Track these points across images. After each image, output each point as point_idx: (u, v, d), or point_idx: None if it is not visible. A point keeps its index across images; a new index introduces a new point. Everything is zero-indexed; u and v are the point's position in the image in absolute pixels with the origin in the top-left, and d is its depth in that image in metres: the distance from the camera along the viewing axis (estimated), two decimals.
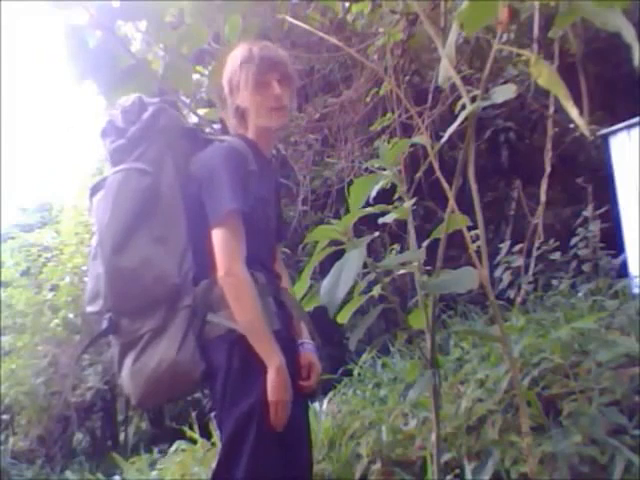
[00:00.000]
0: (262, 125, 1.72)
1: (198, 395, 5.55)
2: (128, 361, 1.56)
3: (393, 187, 1.92)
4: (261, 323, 1.51)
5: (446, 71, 1.33)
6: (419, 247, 1.76)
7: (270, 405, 1.48)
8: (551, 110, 3.27)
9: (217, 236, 1.55)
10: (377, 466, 2.54)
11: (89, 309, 1.60)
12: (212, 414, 2.57)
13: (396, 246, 4.42)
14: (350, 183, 1.78)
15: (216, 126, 1.81)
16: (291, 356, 1.61)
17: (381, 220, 1.91)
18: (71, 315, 6.47)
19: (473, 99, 1.30)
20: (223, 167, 1.60)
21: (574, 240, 4.35)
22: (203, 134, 1.76)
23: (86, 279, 1.69)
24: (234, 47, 1.85)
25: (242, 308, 1.51)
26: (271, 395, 1.48)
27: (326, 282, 1.48)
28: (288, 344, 1.62)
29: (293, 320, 1.74)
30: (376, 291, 1.88)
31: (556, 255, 4.29)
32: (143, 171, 1.59)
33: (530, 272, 3.92)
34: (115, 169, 1.63)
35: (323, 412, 3.33)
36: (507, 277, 4.32)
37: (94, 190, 1.66)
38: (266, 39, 2.01)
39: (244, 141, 1.70)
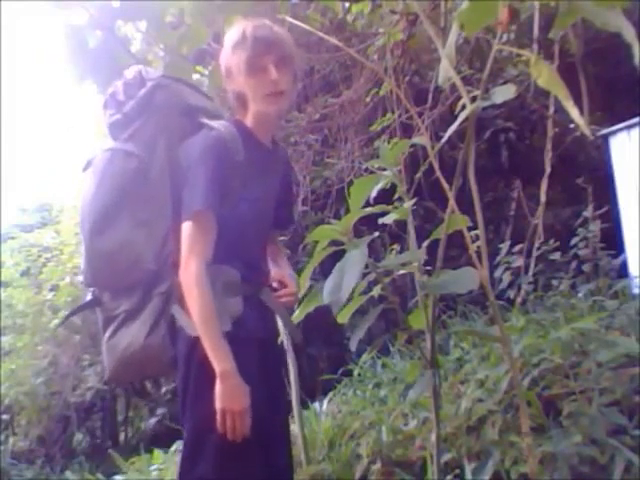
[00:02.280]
0: (260, 111, 1.62)
1: None
2: (106, 335, 1.58)
3: (393, 187, 1.91)
4: (210, 325, 1.45)
5: (446, 71, 1.33)
6: (419, 247, 1.76)
7: (217, 412, 1.43)
8: (551, 110, 3.27)
9: (184, 231, 1.51)
10: (377, 466, 2.54)
11: (80, 279, 1.66)
12: None
13: (396, 246, 4.42)
14: (350, 183, 1.78)
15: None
16: (264, 361, 1.57)
17: (381, 220, 1.91)
18: None
19: (473, 99, 1.30)
20: (202, 161, 1.53)
21: (574, 240, 4.34)
22: (201, 115, 1.64)
23: None
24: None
25: (192, 307, 1.47)
26: (217, 402, 1.43)
27: (329, 282, 1.48)
28: (261, 348, 1.57)
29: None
30: (376, 291, 1.88)
31: (556, 255, 4.28)
32: (129, 153, 1.57)
33: (530, 272, 3.92)
34: (104, 147, 1.63)
35: (323, 412, 3.33)
36: (507, 277, 4.31)
37: (86, 166, 1.66)
38: None
39: (238, 127, 1.62)
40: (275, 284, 1.73)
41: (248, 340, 1.52)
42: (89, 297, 1.63)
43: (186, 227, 1.51)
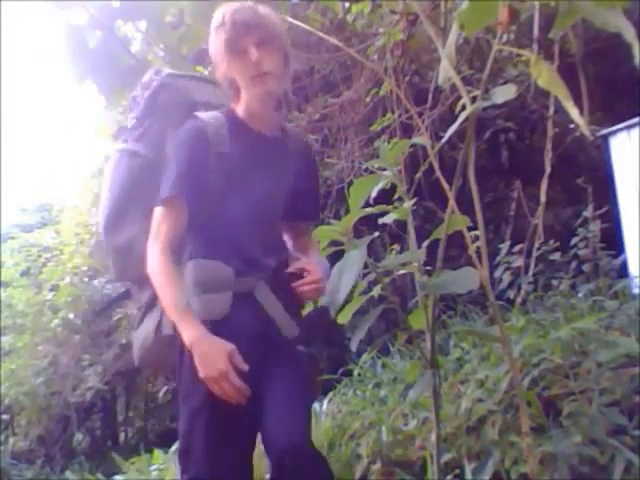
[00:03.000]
0: (250, 94, 1.57)
1: None
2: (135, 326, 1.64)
3: (393, 187, 1.91)
4: (172, 302, 1.45)
5: (446, 71, 1.33)
6: (419, 247, 1.76)
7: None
8: (551, 110, 3.28)
9: (153, 218, 1.53)
10: (377, 466, 2.54)
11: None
12: None
13: (396, 246, 4.42)
14: (350, 183, 1.78)
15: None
16: (260, 356, 1.53)
17: (381, 220, 1.91)
18: (71, 315, 6.48)
19: (473, 99, 1.30)
20: (176, 151, 1.55)
21: (574, 240, 4.34)
22: (203, 109, 1.62)
23: (86, 279, 1.77)
24: None
25: (156, 288, 1.48)
26: (199, 372, 1.41)
27: (327, 283, 1.48)
28: (252, 344, 1.52)
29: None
30: (376, 291, 1.88)
31: (556, 255, 4.28)
32: (135, 153, 1.62)
33: (530, 272, 3.91)
34: (116, 149, 1.69)
35: (323, 412, 3.33)
36: (507, 277, 4.30)
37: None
38: None
39: (229, 117, 1.59)
40: (296, 271, 1.65)
41: (230, 338, 1.47)
42: (122, 290, 1.70)
43: (155, 213, 1.53)
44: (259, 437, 1.55)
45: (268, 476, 1.58)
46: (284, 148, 1.69)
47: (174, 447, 3.90)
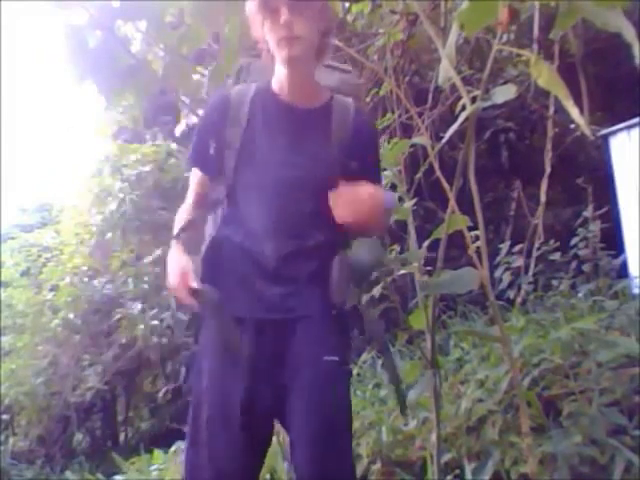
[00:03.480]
0: (280, 60, 1.45)
1: None
2: None
3: (393, 187, 1.92)
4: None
5: (446, 71, 1.33)
6: (419, 247, 1.76)
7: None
8: (551, 110, 3.28)
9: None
10: (377, 466, 2.53)
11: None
12: None
13: (396, 246, 4.42)
14: None
15: None
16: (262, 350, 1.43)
17: None
18: (71, 315, 6.47)
19: (473, 99, 1.30)
20: (198, 121, 1.68)
21: (574, 240, 4.34)
22: None
23: (86, 279, 1.77)
24: (234, 47, 1.84)
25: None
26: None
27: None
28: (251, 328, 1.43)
29: None
30: (377, 291, 1.88)
31: (556, 255, 4.28)
32: None
33: (530, 272, 3.92)
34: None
35: None
36: (507, 277, 4.30)
37: None
38: None
39: (258, 88, 1.52)
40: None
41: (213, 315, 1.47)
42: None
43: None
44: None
45: (268, 477, 1.58)
46: (324, 122, 1.51)
47: (174, 447, 3.90)
